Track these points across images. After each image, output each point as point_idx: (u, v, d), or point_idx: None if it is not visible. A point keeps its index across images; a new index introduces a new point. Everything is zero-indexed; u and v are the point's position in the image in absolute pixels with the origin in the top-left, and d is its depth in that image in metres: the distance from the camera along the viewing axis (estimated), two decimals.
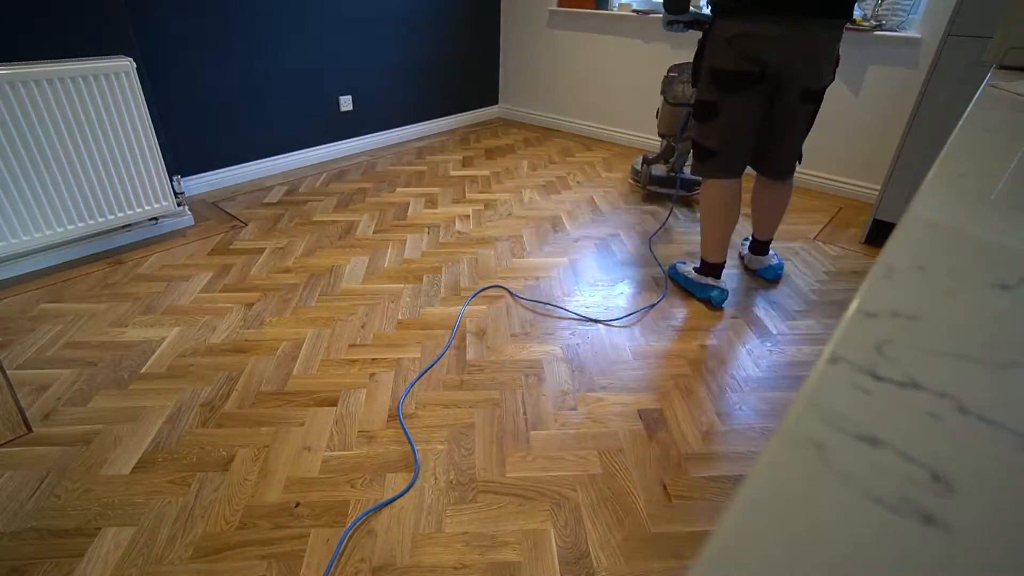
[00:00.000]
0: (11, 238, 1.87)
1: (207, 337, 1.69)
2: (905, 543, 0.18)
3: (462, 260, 2.17)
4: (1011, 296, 0.33)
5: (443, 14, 3.49)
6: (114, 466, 1.26)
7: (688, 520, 1.17)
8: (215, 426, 1.38)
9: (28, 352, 1.60)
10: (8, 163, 1.79)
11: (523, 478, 1.26)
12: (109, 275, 2.00)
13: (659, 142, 3.47)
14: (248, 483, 1.23)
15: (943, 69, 2.01)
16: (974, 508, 0.19)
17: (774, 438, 0.22)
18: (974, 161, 0.57)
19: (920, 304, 0.32)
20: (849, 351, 0.28)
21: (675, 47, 3.19)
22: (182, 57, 2.46)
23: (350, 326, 1.76)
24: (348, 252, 2.20)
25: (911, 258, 0.37)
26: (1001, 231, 0.42)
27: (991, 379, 0.26)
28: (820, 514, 0.19)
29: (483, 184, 2.92)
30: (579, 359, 1.64)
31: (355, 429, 1.38)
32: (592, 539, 1.13)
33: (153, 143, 2.10)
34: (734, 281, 2.07)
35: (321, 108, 3.08)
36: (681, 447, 1.35)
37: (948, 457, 0.21)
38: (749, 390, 1.54)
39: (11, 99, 1.75)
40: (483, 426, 1.39)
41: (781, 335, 1.77)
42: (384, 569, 1.06)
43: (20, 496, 1.19)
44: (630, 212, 2.62)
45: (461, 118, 3.95)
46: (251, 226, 2.40)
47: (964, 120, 0.71)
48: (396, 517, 1.16)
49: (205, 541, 1.10)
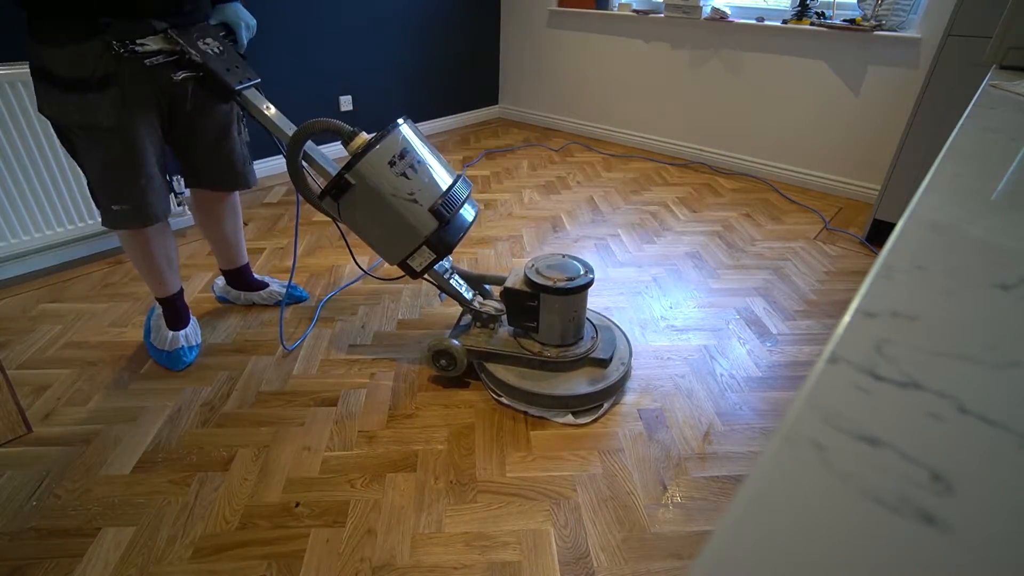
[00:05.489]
0: (11, 238, 1.87)
1: (207, 337, 1.69)
2: (905, 543, 0.18)
3: (462, 260, 2.17)
4: (1011, 296, 0.33)
5: (443, 14, 3.49)
6: (114, 466, 1.26)
7: (688, 520, 1.17)
8: (215, 426, 1.37)
9: (28, 352, 1.60)
10: (8, 163, 1.79)
11: (523, 478, 1.26)
12: (109, 275, 2.00)
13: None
14: (248, 483, 1.23)
15: (943, 69, 2.01)
16: (974, 508, 0.19)
17: (774, 438, 0.22)
18: (974, 161, 0.57)
19: (920, 304, 0.32)
20: (849, 351, 0.28)
21: (675, 47, 3.19)
22: None
23: (350, 326, 1.76)
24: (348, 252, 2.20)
25: (911, 258, 0.37)
26: (1001, 231, 0.42)
27: (991, 379, 0.26)
28: (820, 514, 0.19)
29: (483, 184, 2.92)
30: None
31: (355, 429, 1.38)
32: (592, 539, 1.13)
33: None
34: None
35: (321, 108, 3.08)
36: (681, 447, 1.35)
37: (948, 457, 0.21)
38: (749, 390, 1.54)
39: (11, 99, 1.75)
40: (483, 426, 1.39)
41: (781, 335, 1.77)
42: (384, 569, 1.06)
43: (20, 496, 1.19)
44: (630, 212, 2.62)
45: (461, 118, 3.95)
46: (251, 226, 2.39)
47: (964, 120, 0.71)
48: (396, 517, 1.16)
49: (205, 541, 1.10)
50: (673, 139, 3.40)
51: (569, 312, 1.42)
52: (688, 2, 2.97)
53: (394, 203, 1.26)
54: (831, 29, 2.62)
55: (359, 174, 1.24)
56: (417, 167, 1.30)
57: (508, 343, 1.49)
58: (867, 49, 2.59)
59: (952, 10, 1.95)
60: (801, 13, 2.75)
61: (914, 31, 2.47)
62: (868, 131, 2.72)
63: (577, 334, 1.48)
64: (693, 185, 2.98)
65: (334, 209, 1.32)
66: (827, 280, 2.09)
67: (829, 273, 2.13)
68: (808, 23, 2.72)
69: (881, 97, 2.63)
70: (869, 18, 2.55)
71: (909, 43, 2.48)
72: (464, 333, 1.53)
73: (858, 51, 2.62)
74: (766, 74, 2.92)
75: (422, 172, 1.30)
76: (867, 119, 2.70)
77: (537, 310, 1.41)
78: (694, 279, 2.08)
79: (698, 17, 2.98)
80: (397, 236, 1.31)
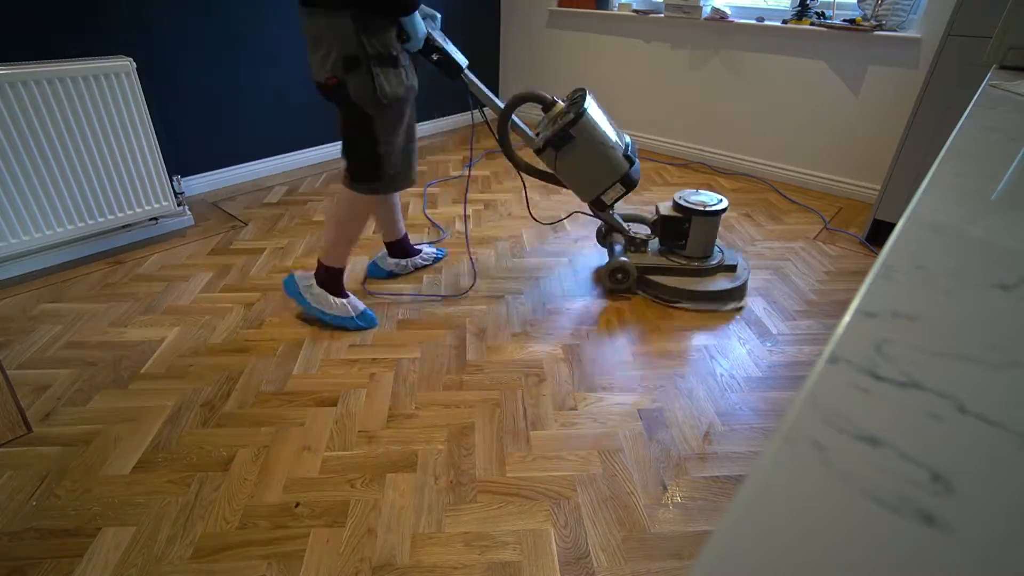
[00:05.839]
0: (11, 238, 1.87)
1: (207, 337, 1.69)
2: (905, 543, 0.18)
3: (462, 260, 2.17)
4: (1011, 296, 0.33)
5: (443, 14, 3.49)
6: (114, 466, 1.26)
7: (688, 520, 1.17)
8: (215, 426, 1.38)
9: (28, 352, 1.60)
10: (8, 163, 1.79)
11: (523, 478, 1.26)
12: (109, 275, 2.00)
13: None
14: (248, 483, 1.23)
15: (943, 69, 2.01)
16: (974, 508, 0.19)
17: (774, 438, 0.22)
18: (974, 161, 0.57)
19: (920, 304, 0.32)
20: (849, 351, 0.28)
21: (675, 47, 3.19)
22: (182, 57, 2.46)
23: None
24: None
25: (911, 258, 0.37)
26: (1001, 231, 0.42)
27: (991, 379, 0.26)
28: (820, 514, 0.19)
29: (483, 184, 2.92)
30: (579, 359, 1.64)
31: (355, 429, 1.38)
32: (592, 539, 1.13)
33: (153, 143, 2.10)
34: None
35: (321, 108, 3.08)
36: (681, 447, 1.35)
37: (948, 457, 0.21)
38: (749, 390, 1.54)
39: (11, 99, 1.75)
40: (483, 426, 1.39)
41: (781, 335, 1.77)
42: (384, 569, 1.06)
43: (20, 496, 1.19)
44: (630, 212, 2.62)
45: (461, 118, 3.95)
46: (251, 226, 2.40)
47: (964, 120, 0.71)
48: (396, 517, 1.16)
49: (205, 541, 1.10)
50: (673, 139, 3.40)
51: (711, 230, 1.88)
52: (688, 2, 2.97)
53: (600, 149, 1.70)
54: (831, 29, 2.62)
55: (580, 128, 1.66)
56: (609, 122, 1.75)
57: (662, 259, 1.95)
58: (867, 49, 2.59)
59: (952, 10, 1.95)
60: (801, 13, 2.75)
61: (914, 31, 2.47)
62: (868, 131, 2.72)
63: (712, 248, 1.94)
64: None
65: (552, 159, 1.73)
66: (827, 280, 2.09)
67: (829, 273, 2.13)
68: (808, 23, 2.72)
69: (881, 97, 2.63)
70: (869, 18, 2.55)
71: (909, 43, 2.48)
72: (622, 255, 1.94)
73: (858, 51, 2.62)
74: (766, 74, 2.92)
75: (611, 127, 1.75)
76: (867, 119, 2.70)
77: (687, 231, 1.88)
78: None
79: (698, 17, 2.98)
80: (599, 175, 1.75)
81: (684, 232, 1.89)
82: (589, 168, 1.74)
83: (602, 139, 1.69)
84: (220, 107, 2.66)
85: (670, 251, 1.96)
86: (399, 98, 1.49)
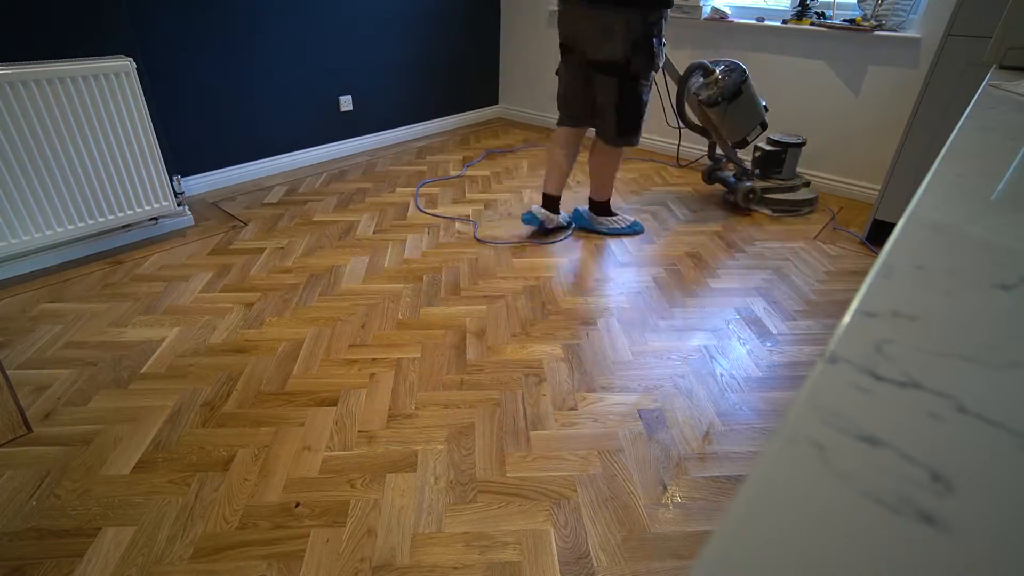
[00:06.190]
0: (11, 238, 1.87)
1: (207, 337, 1.69)
2: (905, 543, 0.18)
3: (462, 260, 2.17)
4: (1011, 296, 0.33)
5: (443, 14, 3.49)
6: (114, 466, 1.26)
7: (688, 520, 1.17)
8: (215, 426, 1.38)
9: (28, 352, 1.60)
10: (8, 163, 1.79)
11: (523, 478, 1.26)
12: (109, 275, 2.00)
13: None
14: (248, 483, 1.23)
15: (943, 69, 2.01)
16: (974, 508, 0.19)
17: (774, 438, 0.22)
18: (974, 161, 0.57)
19: (920, 304, 0.32)
20: (849, 351, 0.28)
21: (675, 47, 3.18)
22: (182, 57, 2.46)
23: (350, 326, 1.76)
24: (348, 252, 2.20)
25: (911, 258, 0.37)
26: (1001, 231, 0.42)
27: (991, 379, 0.26)
28: (820, 514, 0.19)
29: (483, 184, 2.92)
30: (579, 359, 1.64)
31: (355, 429, 1.38)
32: (592, 539, 1.13)
33: (153, 143, 2.10)
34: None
35: (321, 108, 3.08)
36: (681, 447, 1.35)
37: (948, 457, 0.21)
38: (749, 390, 1.54)
39: (11, 99, 1.75)
40: (483, 426, 1.39)
41: (781, 335, 1.77)
42: (384, 569, 1.06)
43: (20, 496, 1.19)
44: (630, 212, 2.62)
45: (461, 118, 3.95)
46: (251, 226, 2.40)
47: (964, 120, 0.71)
48: (396, 517, 1.16)
49: (205, 541, 1.10)
50: (673, 139, 3.40)
51: (798, 159, 2.60)
52: (688, 2, 2.97)
53: (756, 101, 2.42)
54: (831, 29, 2.62)
55: (747, 85, 2.35)
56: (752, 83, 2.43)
57: (769, 182, 2.62)
58: (867, 49, 2.59)
59: (952, 10, 1.95)
60: (801, 13, 2.75)
61: (914, 31, 2.47)
62: (868, 131, 2.72)
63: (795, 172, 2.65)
64: (693, 185, 2.98)
65: (723, 111, 2.36)
66: (827, 280, 2.09)
67: (829, 273, 2.13)
68: (808, 23, 2.72)
69: (881, 97, 2.63)
70: (869, 18, 2.55)
71: (909, 43, 2.48)
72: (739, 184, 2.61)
73: (858, 51, 2.62)
74: (766, 74, 2.92)
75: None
76: (867, 119, 2.70)
77: (784, 160, 2.57)
78: (694, 279, 2.08)
79: (698, 17, 2.98)
80: (749, 122, 2.44)
81: (781, 160, 2.55)
82: (748, 116, 2.40)
83: (754, 94, 2.38)
84: (220, 107, 2.66)
85: (766, 177, 2.62)
86: (659, 69, 2.01)
